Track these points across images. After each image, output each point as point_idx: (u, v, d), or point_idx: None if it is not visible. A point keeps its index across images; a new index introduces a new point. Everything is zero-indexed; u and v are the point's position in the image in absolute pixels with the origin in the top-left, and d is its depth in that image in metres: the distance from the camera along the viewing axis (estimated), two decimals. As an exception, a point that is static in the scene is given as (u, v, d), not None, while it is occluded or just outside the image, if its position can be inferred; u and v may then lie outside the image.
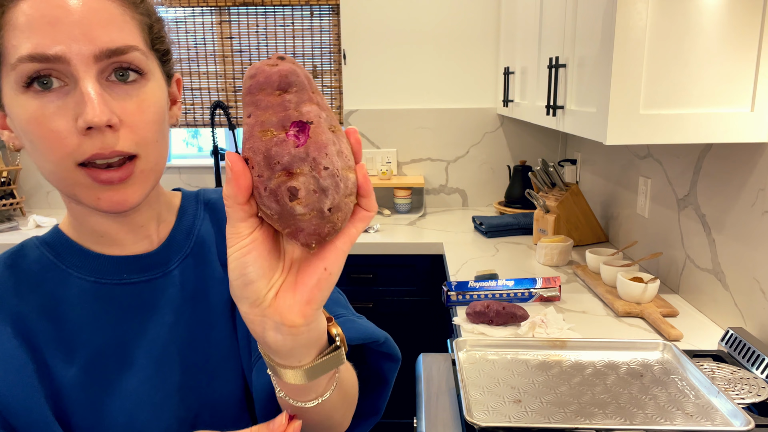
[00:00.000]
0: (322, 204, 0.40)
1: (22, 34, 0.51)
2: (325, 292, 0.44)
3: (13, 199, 2.68)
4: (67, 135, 0.52)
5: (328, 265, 0.43)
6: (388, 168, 2.76)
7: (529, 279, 1.59)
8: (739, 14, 1.17)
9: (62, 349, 0.58)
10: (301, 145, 0.39)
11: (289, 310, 0.43)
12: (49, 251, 0.62)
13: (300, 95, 0.40)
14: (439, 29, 2.67)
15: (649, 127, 1.22)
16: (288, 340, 0.44)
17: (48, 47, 0.50)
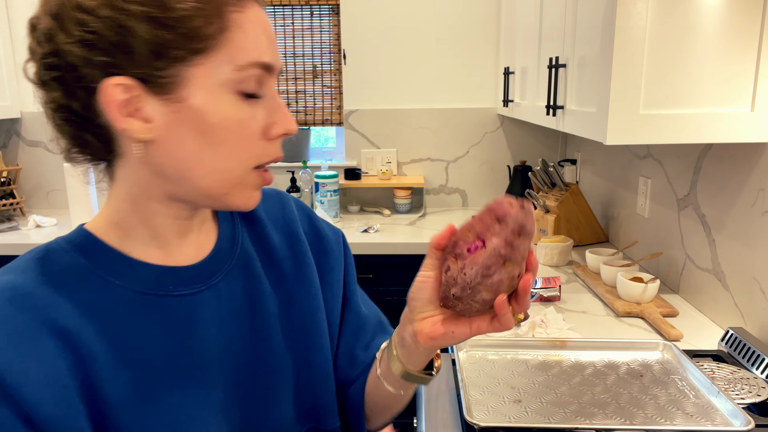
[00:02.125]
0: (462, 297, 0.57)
1: (253, 40, 0.53)
2: (444, 342, 0.60)
3: (13, 199, 2.68)
4: (257, 140, 0.55)
5: (455, 330, 0.59)
6: (388, 168, 2.76)
7: (529, 279, 1.59)
8: (739, 14, 1.17)
9: (107, 364, 0.54)
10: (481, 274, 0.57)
11: (421, 333, 0.60)
12: (83, 257, 0.57)
13: (526, 244, 0.57)
14: (439, 29, 2.67)
15: (649, 127, 1.22)
16: (410, 346, 0.62)
17: (269, 59, 0.54)
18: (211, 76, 0.52)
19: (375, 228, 2.40)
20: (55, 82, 0.52)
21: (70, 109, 0.53)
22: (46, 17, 0.51)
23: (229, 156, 0.54)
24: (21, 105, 2.82)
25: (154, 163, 0.54)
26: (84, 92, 0.52)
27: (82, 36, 0.49)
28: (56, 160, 2.86)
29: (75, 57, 0.50)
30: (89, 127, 0.54)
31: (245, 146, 0.54)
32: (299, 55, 2.75)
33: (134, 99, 0.51)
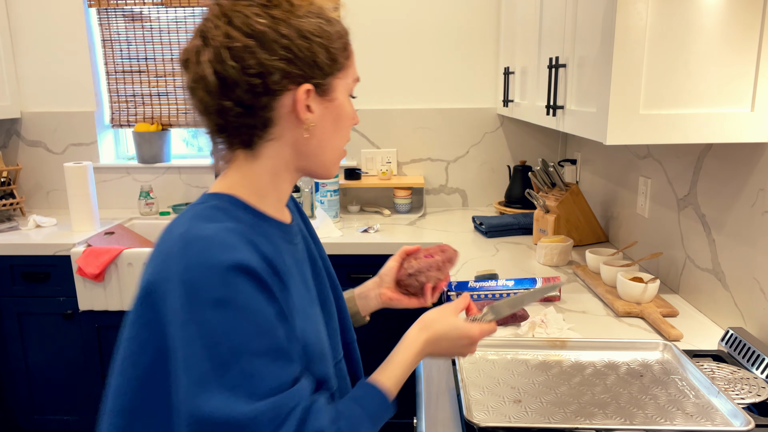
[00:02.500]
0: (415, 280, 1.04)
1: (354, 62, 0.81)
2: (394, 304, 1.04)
3: (13, 199, 2.68)
4: (350, 126, 0.82)
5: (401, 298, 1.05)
6: (388, 168, 2.76)
7: (529, 279, 1.59)
8: (739, 14, 1.17)
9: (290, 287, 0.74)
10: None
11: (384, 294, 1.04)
12: (243, 213, 0.75)
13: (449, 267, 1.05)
14: (439, 29, 2.67)
15: (649, 127, 1.22)
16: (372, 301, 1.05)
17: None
18: (343, 84, 0.78)
19: (375, 228, 2.40)
20: (256, 80, 0.71)
21: (253, 105, 0.72)
22: (243, 37, 0.70)
23: (343, 138, 0.81)
24: (21, 105, 2.82)
25: (302, 143, 0.77)
26: (268, 95, 0.72)
27: (285, 55, 0.71)
28: (56, 160, 2.86)
29: (276, 70, 0.71)
30: (258, 118, 0.74)
31: (346, 131, 0.81)
32: (299, 55, 2.75)
33: (310, 100, 0.75)
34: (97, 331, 2.31)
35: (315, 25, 0.73)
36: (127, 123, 2.88)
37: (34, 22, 2.73)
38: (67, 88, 2.79)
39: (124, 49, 2.79)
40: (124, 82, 2.83)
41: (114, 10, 2.74)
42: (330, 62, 0.75)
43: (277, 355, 0.66)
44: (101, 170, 2.86)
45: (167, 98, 2.84)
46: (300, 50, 0.71)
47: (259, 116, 0.73)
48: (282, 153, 0.77)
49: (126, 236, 2.49)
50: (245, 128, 0.74)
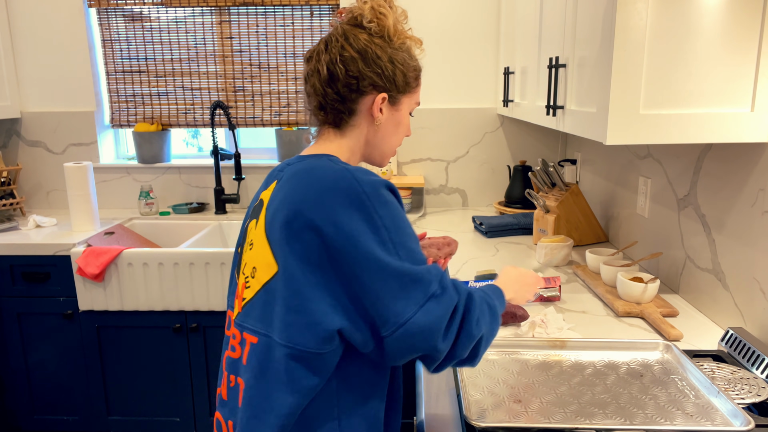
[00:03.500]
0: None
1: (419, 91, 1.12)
2: None
3: (13, 199, 2.68)
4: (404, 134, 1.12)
5: None
6: (388, 168, 2.76)
7: (529, 279, 1.59)
8: (739, 14, 1.17)
9: None
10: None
11: None
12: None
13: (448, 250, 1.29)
14: (439, 29, 2.67)
15: (649, 127, 1.22)
16: None
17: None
18: (409, 102, 1.08)
19: (375, 228, 2.40)
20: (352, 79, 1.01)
21: (346, 97, 1.02)
22: (353, 50, 1.00)
23: (396, 139, 1.10)
24: (21, 105, 2.82)
25: (371, 134, 1.06)
26: (360, 93, 1.02)
27: (376, 70, 1.01)
28: (56, 160, 2.86)
29: (367, 78, 1.01)
30: (347, 106, 1.02)
31: (401, 136, 1.10)
32: (299, 55, 2.75)
33: (383, 105, 1.04)
34: (97, 331, 2.31)
35: (401, 57, 1.05)
36: (127, 123, 2.88)
37: (34, 22, 2.73)
38: (67, 88, 2.79)
39: (124, 49, 2.79)
40: (124, 82, 2.83)
41: (114, 10, 2.74)
42: (404, 84, 1.05)
43: (416, 243, 0.93)
44: (101, 170, 2.86)
45: (167, 98, 2.84)
46: (386, 70, 1.02)
47: (348, 105, 1.02)
48: (358, 138, 1.06)
49: (126, 236, 2.49)
50: (337, 111, 1.02)
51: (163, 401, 2.37)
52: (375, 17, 1.03)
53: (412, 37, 1.10)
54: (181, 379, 2.33)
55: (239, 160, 2.70)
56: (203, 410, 2.36)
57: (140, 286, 2.22)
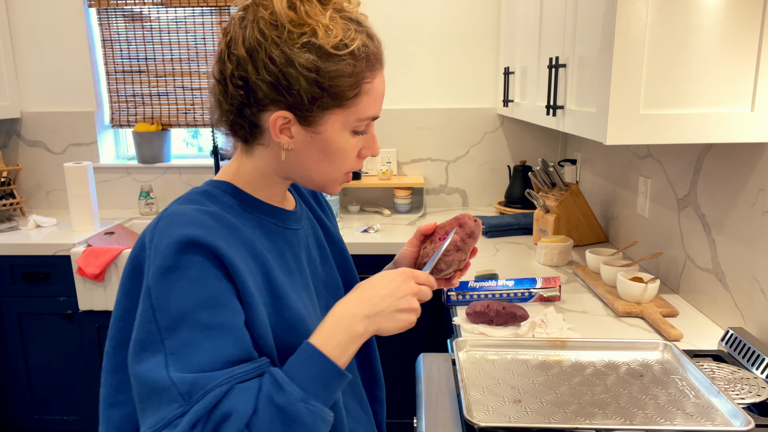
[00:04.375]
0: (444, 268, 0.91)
1: (372, 101, 0.79)
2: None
3: (13, 199, 2.68)
4: (352, 159, 0.82)
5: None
6: (388, 168, 2.76)
7: (529, 279, 1.59)
8: (739, 14, 1.17)
9: (274, 269, 0.78)
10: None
11: None
12: (234, 199, 0.82)
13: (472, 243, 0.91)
14: (439, 29, 2.67)
15: (649, 127, 1.22)
16: None
17: (377, 113, 0.81)
18: (340, 121, 0.77)
19: (375, 228, 2.40)
20: (240, 91, 0.75)
21: (242, 111, 0.76)
22: (242, 47, 0.73)
23: (333, 167, 0.81)
24: (21, 105, 2.82)
25: (288, 161, 0.80)
26: (257, 106, 0.75)
27: (270, 79, 0.73)
28: (56, 160, 2.86)
29: (260, 90, 0.74)
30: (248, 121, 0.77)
31: (344, 163, 0.81)
32: (299, 55, 2.75)
33: (287, 124, 0.76)
34: (97, 331, 2.31)
35: (305, 57, 0.72)
36: (127, 123, 2.88)
37: (34, 22, 2.73)
38: (67, 88, 2.79)
39: (124, 49, 2.79)
40: (124, 82, 2.83)
41: (114, 10, 2.74)
42: (319, 96, 0.74)
43: (220, 332, 0.68)
44: (101, 170, 2.86)
45: (167, 98, 2.84)
46: (283, 77, 0.72)
47: (247, 119, 0.77)
48: (269, 159, 0.81)
49: (126, 236, 2.49)
50: (238, 127, 0.79)
51: (163, 401, 2.37)
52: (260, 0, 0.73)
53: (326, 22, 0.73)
54: (181, 379, 2.33)
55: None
56: (203, 410, 2.36)
57: (140, 286, 2.21)
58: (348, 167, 0.82)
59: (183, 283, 0.68)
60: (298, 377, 0.69)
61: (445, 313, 2.22)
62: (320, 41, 0.72)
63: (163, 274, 0.68)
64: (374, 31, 0.81)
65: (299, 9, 0.72)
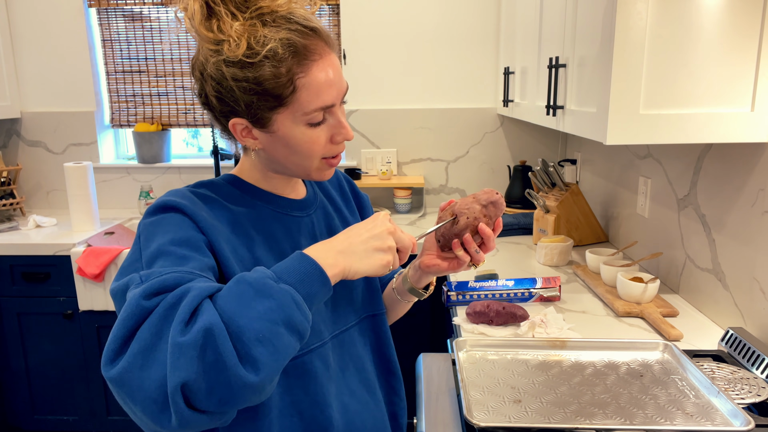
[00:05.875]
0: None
1: (314, 94, 0.79)
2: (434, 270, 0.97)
3: (13, 199, 2.68)
4: (323, 146, 0.84)
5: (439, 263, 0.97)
6: (388, 168, 2.76)
7: (529, 279, 1.59)
8: (739, 14, 1.17)
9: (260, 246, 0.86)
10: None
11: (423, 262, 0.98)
12: (235, 188, 0.90)
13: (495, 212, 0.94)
14: (439, 29, 2.67)
15: (649, 127, 1.22)
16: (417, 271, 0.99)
17: (329, 102, 0.81)
18: (288, 118, 0.81)
19: (375, 228, 2.39)
20: (206, 107, 0.85)
21: (218, 121, 0.85)
22: (197, 70, 0.82)
23: (305, 158, 0.85)
24: (21, 105, 2.82)
25: (264, 158, 0.88)
26: (222, 117, 0.84)
27: (215, 94, 0.81)
28: (56, 160, 2.86)
29: (213, 104, 0.82)
30: (226, 131, 0.86)
31: (314, 152, 0.84)
32: (299, 55, 2.75)
33: (247, 129, 0.83)
34: (97, 331, 2.31)
35: (232, 72, 0.77)
36: (127, 123, 2.88)
37: (34, 22, 2.73)
38: (67, 88, 2.79)
39: (124, 49, 2.79)
40: (124, 82, 2.83)
41: (114, 10, 2.74)
42: (258, 101, 0.78)
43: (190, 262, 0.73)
44: (101, 170, 2.86)
45: (167, 98, 2.84)
46: (224, 89, 0.79)
47: (223, 127, 0.86)
48: (257, 158, 0.90)
49: (126, 236, 2.49)
50: (224, 133, 0.88)
51: (163, 401, 2.37)
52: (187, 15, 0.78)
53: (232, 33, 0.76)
54: (181, 379, 2.33)
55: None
56: (203, 410, 2.36)
57: (140, 286, 2.21)
58: (320, 155, 0.85)
59: (164, 227, 0.77)
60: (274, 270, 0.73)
61: (445, 313, 2.22)
62: (227, 55, 0.76)
63: (149, 224, 0.78)
64: (312, 23, 0.80)
65: (213, 27, 0.77)
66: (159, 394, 0.61)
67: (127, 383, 0.62)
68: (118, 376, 0.62)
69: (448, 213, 0.94)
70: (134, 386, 0.62)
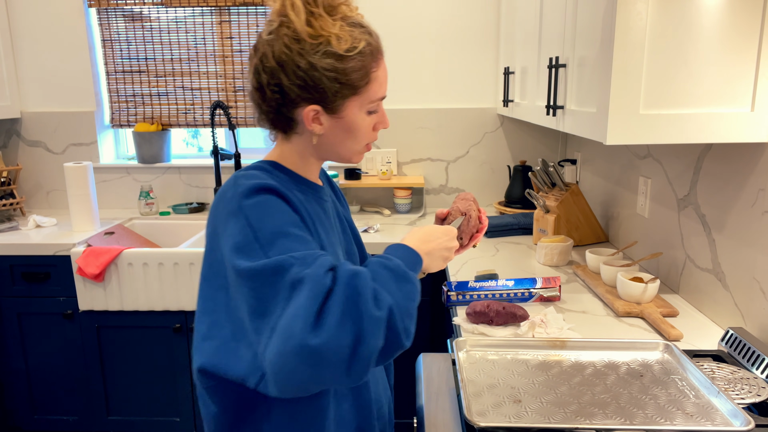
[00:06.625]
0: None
1: (379, 85, 0.97)
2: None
3: (13, 199, 2.68)
4: (369, 133, 0.99)
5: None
6: (388, 168, 2.76)
7: (529, 279, 1.59)
8: (739, 14, 1.17)
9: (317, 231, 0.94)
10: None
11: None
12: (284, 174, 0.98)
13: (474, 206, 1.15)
14: (439, 29, 2.67)
15: (649, 127, 1.22)
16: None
17: (384, 93, 1.00)
18: (357, 106, 0.95)
19: (375, 228, 2.40)
20: (276, 95, 0.92)
21: (279, 109, 0.94)
22: (273, 61, 0.90)
23: (356, 142, 0.99)
24: (21, 105, 2.82)
25: (319, 143, 0.98)
26: (291, 105, 0.93)
27: (298, 83, 0.90)
28: (56, 160, 2.86)
29: (292, 92, 0.91)
30: (284, 117, 0.95)
31: (364, 137, 0.99)
32: (299, 55, 2.75)
33: (318, 115, 0.94)
34: (97, 331, 2.31)
35: (326, 62, 0.90)
36: (127, 123, 2.88)
37: (34, 22, 2.73)
38: (67, 88, 2.79)
39: (124, 49, 2.79)
40: (124, 82, 2.83)
41: (114, 10, 2.74)
42: (339, 90, 0.92)
43: (309, 244, 0.84)
44: (101, 170, 2.86)
45: (167, 98, 2.84)
46: (311, 80, 0.90)
47: (284, 117, 0.95)
48: (305, 144, 0.99)
49: (126, 236, 2.49)
50: (277, 122, 0.97)
51: (163, 401, 2.37)
52: (282, 21, 0.90)
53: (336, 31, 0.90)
54: (181, 379, 2.33)
55: (239, 160, 2.70)
56: (203, 410, 2.36)
57: (140, 286, 2.22)
58: (366, 140, 1.00)
59: (270, 208, 0.86)
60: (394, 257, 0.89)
61: (445, 313, 2.22)
62: (334, 48, 0.89)
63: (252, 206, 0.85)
64: (372, 28, 0.98)
65: (314, 24, 0.89)
66: (350, 356, 0.74)
67: (325, 350, 0.73)
68: (320, 345, 0.73)
69: (457, 214, 1.13)
70: (331, 351, 0.73)
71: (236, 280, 0.81)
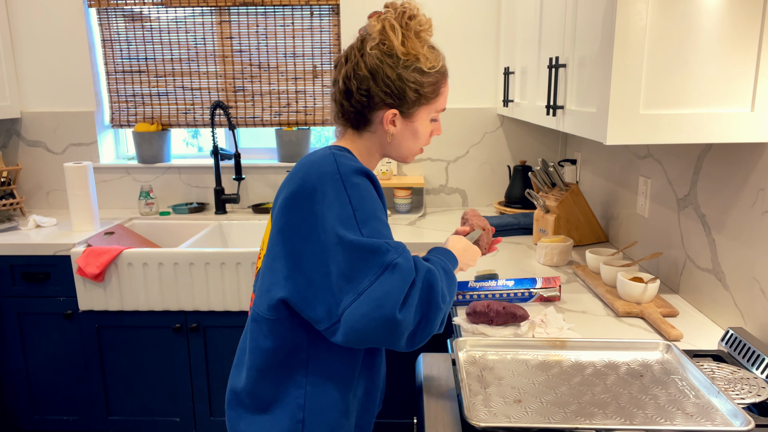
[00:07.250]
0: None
1: (444, 99, 1.16)
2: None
3: (13, 199, 2.68)
4: (428, 137, 1.18)
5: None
6: (388, 168, 2.76)
7: (529, 279, 1.59)
8: (739, 14, 1.17)
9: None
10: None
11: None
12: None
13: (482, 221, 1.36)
14: (439, 29, 2.67)
15: (649, 127, 1.22)
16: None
17: (446, 105, 1.19)
18: (425, 114, 1.15)
19: (375, 228, 2.40)
20: (363, 98, 1.10)
21: (360, 110, 1.12)
22: (365, 69, 1.08)
23: (417, 145, 1.17)
24: (21, 105, 2.82)
25: (388, 142, 1.15)
26: (373, 107, 1.11)
27: (385, 90, 1.09)
28: (56, 160, 2.86)
29: (377, 96, 1.09)
30: (363, 116, 1.12)
31: (422, 141, 1.18)
32: (299, 55, 2.75)
33: (395, 119, 1.12)
34: (97, 331, 2.31)
35: (411, 75, 1.09)
36: (127, 123, 2.88)
37: (34, 22, 2.73)
38: (67, 88, 2.79)
39: (124, 49, 2.79)
40: (124, 82, 2.83)
41: (114, 10, 2.74)
42: (416, 99, 1.11)
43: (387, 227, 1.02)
44: (101, 170, 2.86)
45: (167, 98, 2.84)
46: (396, 89, 1.09)
47: (363, 116, 1.12)
48: (374, 141, 1.16)
49: (126, 236, 2.49)
50: (354, 120, 1.13)
51: (163, 401, 2.37)
52: (381, 39, 1.09)
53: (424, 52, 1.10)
54: (181, 379, 2.33)
55: (239, 160, 2.70)
56: (203, 410, 2.36)
57: (140, 286, 2.22)
58: (424, 144, 1.19)
59: (367, 192, 1.02)
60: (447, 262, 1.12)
61: (445, 313, 2.22)
62: (421, 65, 1.09)
63: (356, 185, 1.01)
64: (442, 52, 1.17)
65: (407, 45, 1.09)
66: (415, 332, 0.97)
67: (403, 324, 0.93)
68: (401, 320, 0.93)
69: (476, 227, 1.32)
70: (405, 326, 0.94)
71: (335, 246, 0.96)
